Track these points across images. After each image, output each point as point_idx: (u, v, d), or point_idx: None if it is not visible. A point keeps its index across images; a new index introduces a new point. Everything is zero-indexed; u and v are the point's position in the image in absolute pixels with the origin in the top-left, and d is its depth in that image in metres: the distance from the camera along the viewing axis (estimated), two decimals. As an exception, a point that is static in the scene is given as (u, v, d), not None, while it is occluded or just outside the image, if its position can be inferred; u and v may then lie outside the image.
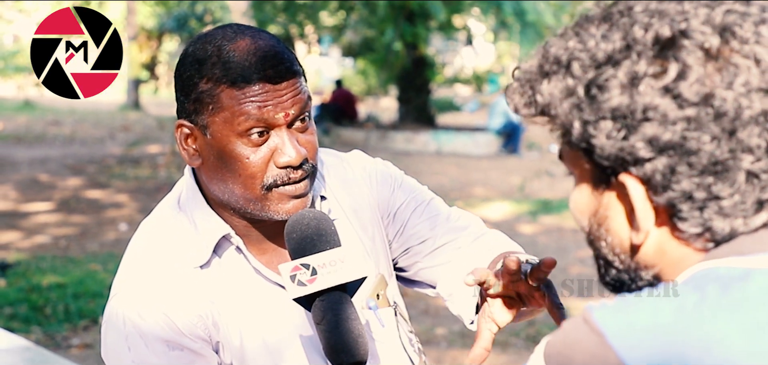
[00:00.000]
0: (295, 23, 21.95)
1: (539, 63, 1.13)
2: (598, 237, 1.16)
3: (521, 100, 1.15)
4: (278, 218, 1.77)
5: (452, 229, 1.98)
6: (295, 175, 1.74)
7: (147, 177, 14.31)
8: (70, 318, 6.89)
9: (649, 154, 1.05)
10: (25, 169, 14.71)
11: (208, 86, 1.71)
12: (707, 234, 1.08)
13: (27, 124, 22.04)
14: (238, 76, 1.69)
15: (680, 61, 1.04)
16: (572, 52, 1.10)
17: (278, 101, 1.70)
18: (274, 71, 1.70)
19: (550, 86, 1.11)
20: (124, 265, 1.81)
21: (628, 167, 1.07)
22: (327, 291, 1.62)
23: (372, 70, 24.62)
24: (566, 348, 1.05)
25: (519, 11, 18.35)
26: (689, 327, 0.99)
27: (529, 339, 6.47)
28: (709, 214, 1.06)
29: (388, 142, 18.86)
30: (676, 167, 1.05)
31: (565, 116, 1.10)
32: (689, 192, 1.05)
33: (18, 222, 10.53)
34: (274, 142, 1.73)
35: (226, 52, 1.71)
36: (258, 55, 1.71)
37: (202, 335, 1.75)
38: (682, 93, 1.03)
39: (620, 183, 1.09)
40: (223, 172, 1.75)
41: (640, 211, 1.09)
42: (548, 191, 12.97)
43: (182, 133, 1.78)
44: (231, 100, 1.70)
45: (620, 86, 1.06)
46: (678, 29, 1.06)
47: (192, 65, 1.74)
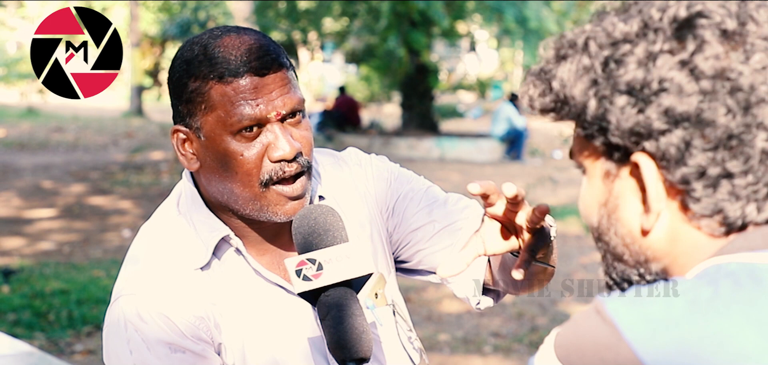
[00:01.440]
0: (298, 29, 21.99)
1: (555, 49, 1.14)
2: (607, 228, 1.16)
3: (536, 91, 1.16)
4: (277, 220, 1.77)
5: (451, 212, 1.96)
6: (290, 168, 1.74)
7: (150, 183, 14.32)
8: (74, 324, 6.89)
9: (664, 126, 1.05)
10: (29, 175, 14.72)
11: (197, 84, 1.72)
12: (718, 216, 1.08)
13: (30, 130, 22.07)
14: (225, 70, 1.70)
15: (698, 38, 1.05)
16: (589, 34, 1.11)
17: (267, 95, 1.71)
18: (260, 63, 1.71)
19: (566, 68, 1.12)
20: (125, 269, 1.81)
21: (642, 142, 1.07)
22: (332, 286, 1.62)
23: (375, 76, 24.65)
24: (577, 339, 1.05)
25: (521, 18, 18.36)
26: (703, 321, 0.99)
27: (533, 345, 6.46)
28: (721, 194, 1.06)
29: (391, 148, 18.85)
30: (691, 140, 1.05)
31: (581, 95, 1.10)
32: (703, 167, 1.06)
33: (21, 229, 10.54)
34: (268, 137, 1.73)
35: (212, 49, 1.72)
36: (243, 48, 1.72)
37: (203, 337, 1.75)
38: (698, 65, 1.04)
39: (633, 163, 1.09)
40: (221, 173, 1.75)
41: (652, 191, 1.09)
42: (551, 197, 12.96)
43: (179, 139, 1.79)
44: (221, 97, 1.71)
45: (637, 61, 1.07)
46: (695, 10, 1.07)
47: (181, 67, 1.76)
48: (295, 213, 1.75)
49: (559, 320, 7.01)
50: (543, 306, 7.41)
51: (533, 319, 7.11)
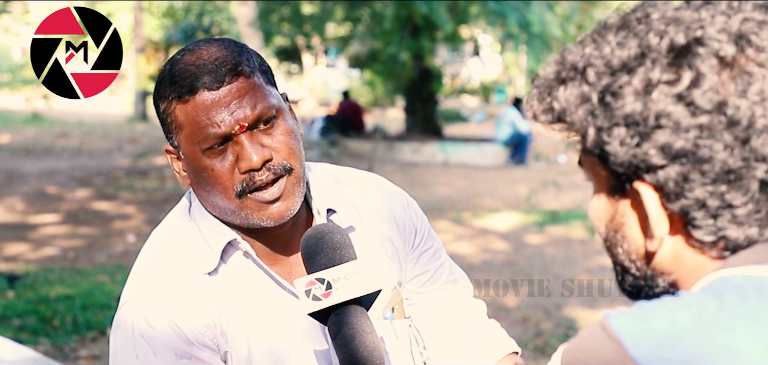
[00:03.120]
0: (301, 34, 22.00)
1: (556, 69, 1.14)
2: (614, 243, 1.16)
3: (540, 107, 1.15)
4: (266, 224, 1.76)
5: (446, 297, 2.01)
6: (260, 178, 1.72)
7: (155, 188, 14.33)
8: (79, 330, 6.89)
9: (661, 161, 1.05)
10: (34, 181, 14.74)
11: (165, 105, 1.74)
12: (721, 242, 1.07)
13: (35, 136, 22.09)
14: (182, 89, 1.69)
15: (694, 69, 1.04)
16: (588, 59, 1.10)
17: (226, 109, 1.68)
18: (213, 77, 1.68)
19: (566, 92, 1.11)
20: (134, 274, 1.82)
21: (641, 174, 1.07)
22: (343, 304, 1.61)
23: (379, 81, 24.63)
24: (583, 355, 1.05)
25: (524, 23, 18.35)
26: (708, 335, 0.99)
27: (538, 350, 6.45)
28: (722, 223, 1.06)
29: (395, 153, 18.84)
30: (688, 175, 1.04)
31: (581, 123, 1.10)
32: (702, 200, 1.05)
33: (26, 234, 10.55)
34: (236, 149, 1.71)
35: (174, 68, 1.72)
36: (198, 63, 1.70)
37: (210, 344, 1.75)
38: (695, 100, 1.03)
39: (634, 190, 1.09)
40: (204, 186, 1.76)
41: (654, 219, 1.09)
42: (555, 202, 12.94)
43: (171, 157, 1.81)
44: (184, 116, 1.71)
45: (634, 93, 1.06)
46: (693, 37, 1.05)
47: (156, 88, 1.77)
48: (281, 216, 1.74)
49: (563, 325, 7.00)
50: (547, 311, 7.40)
51: (538, 324, 7.09)
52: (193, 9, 29.20)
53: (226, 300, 1.78)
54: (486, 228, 11.11)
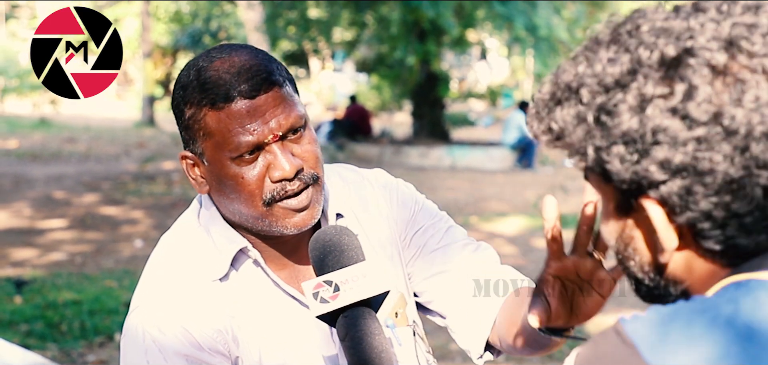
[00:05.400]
0: (308, 38, 22.03)
1: (552, 90, 1.13)
2: (626, 257, 1.15)
3: (539, 127, 1.15)
4: (288, 232, 1.76)
5: (466, 260, 1.95)
6: (292, 187, 1.72)
7: (162, 193, 14.35)
8: (86, 335, 6.89)
9: (663, 177, 1.04)
10: (41, 186, 14.77)
11: (192, 111, 1.72)
12: (732, 251, 1.07)
13: (43, 141, 22.16)
14: (216, 96, 1.68)
15: (687, 81, 1.02)
16: (581, 78, 1.09)
17: (261, 118, 1.68)
18: (250, 85, 1.68)
19: (563, 113, 1.10)
20: (144, 279, 1.82)
21: (645, 190, 1.06)
22: (350, 306, 1.61)
23: (386, 85, 24.67)
24: (598, 360, 1.04)
25: (531, 26, 18.35)
26: (723, 340, 0.98)
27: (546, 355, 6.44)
28: (731, 232, 1.05)
29: (402, 157, 18.85)
30: (691, 188, 1.03)
31: (579, 143, 1.09)
32: (708, 211, 1.04)
33: (34, 240, 10.57)
34: (267, 158, 1.71)
35: (204, 74, 1.70)
36: (232, 71, 1.69)
37: (221, 350, 1.75)
38: (691, 113, 1.02)
39: (640, 206, 1.08)
40: (227, 194, 1.75)
41: (662, 233, 1.08)
42: (563, 206, 12.88)
43: (187, 164, 1.79)
44: (216, 123, 1.69)
45: (629, 110, 1.05)
46: (683, 48, 1.04)
47: (178, 93, 1.75)
48: (305, 225, 1.74)
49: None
50: (555, 315, 7.38)
51: (546, 328, 7.08)
52: (200, 14, 29.28)
53: (236, 306, 1.78)
54: (493, 232, 11.10)
